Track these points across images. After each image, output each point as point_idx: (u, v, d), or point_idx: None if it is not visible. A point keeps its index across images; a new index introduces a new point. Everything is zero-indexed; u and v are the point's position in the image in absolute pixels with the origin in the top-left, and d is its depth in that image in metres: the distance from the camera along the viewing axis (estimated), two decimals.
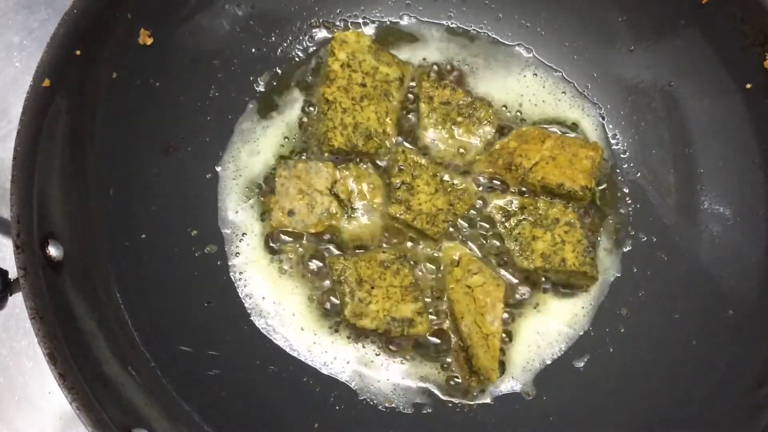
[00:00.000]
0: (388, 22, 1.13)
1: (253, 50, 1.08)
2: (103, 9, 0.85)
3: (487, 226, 1.03)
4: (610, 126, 1.10)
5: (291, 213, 0.98)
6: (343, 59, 1.03)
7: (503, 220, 1.02)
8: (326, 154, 1.03)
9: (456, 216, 1.02)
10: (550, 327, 0.99)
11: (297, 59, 1.10)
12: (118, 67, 0.90)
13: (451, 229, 1.02)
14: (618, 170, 1.08)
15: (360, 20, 1.13)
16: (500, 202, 1.02)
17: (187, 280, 0.96)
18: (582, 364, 0.98)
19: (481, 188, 1.04)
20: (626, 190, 1.07)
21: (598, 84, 1.11)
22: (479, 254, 1.01)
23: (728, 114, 0.99)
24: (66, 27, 0.81)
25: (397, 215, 1.00)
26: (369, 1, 1.13)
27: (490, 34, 1.13)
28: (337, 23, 1.12)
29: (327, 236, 1.01)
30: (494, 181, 1.05)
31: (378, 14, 1.13)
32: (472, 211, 1.03)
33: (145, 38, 0.93)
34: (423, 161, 1.02)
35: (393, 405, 0.95)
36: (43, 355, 0.70)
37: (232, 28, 1.05)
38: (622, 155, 1.09)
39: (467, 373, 0.96)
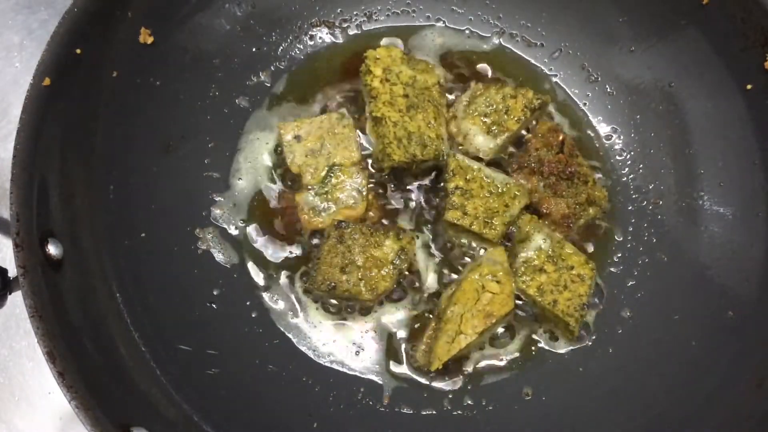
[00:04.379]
0: (386, 22, 1.13)
1: (254, 49, 1.08)
2: (103, 8, 0.85)
3: (509, 244, 1.02)
4: (611, 126, 1.10)
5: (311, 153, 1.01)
6: (380, 75, 1.02)
7: (525, 239, 1.00)
8: (386, 172, 1.02)
9: (512, 217, 1.00)
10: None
11: (298, 58, 1.10)
12: (119, 66, 0.90)
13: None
14: (618, 170, 1.08)
15: (360, 20, 1.13)
16: (540, 237, 0.99)
17: (187, 279, 0.96)
18: (582, 365, 0.98)
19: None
20: (626, 191, 1.07)
21: (599, 84, 1.11)
22: None
23: (728, 114, 0.99)
24: (66, 26, 0.81)
25: (455, 221, 0.98)
26: (369, 0, 1.13)
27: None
28: (337, 23, 1.12)
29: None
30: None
31: (377, 13, 1.13)
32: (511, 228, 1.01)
33: (146, 37, 0.93)
34: (475, 165, 1.00)
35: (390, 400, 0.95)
36: (42, 354, 0.70)
37: (232, 27, 1.06)
38: (621, 155, 1.09)
39: (426, 346, 0.96)
